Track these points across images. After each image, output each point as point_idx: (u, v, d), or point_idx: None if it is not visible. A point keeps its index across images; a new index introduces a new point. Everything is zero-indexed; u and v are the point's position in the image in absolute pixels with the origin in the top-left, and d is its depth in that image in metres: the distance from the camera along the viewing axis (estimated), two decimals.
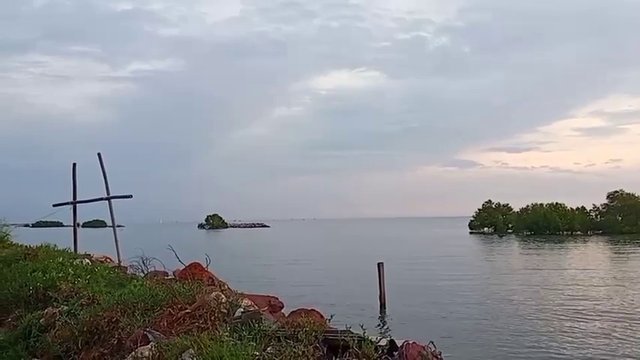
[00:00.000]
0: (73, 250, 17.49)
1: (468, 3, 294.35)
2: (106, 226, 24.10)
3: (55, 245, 16.66)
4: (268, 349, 5.58)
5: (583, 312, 23.56)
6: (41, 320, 8.96)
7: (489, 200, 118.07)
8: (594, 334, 19.46)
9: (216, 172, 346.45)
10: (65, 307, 8.98)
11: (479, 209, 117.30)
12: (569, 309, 24.26)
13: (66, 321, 8.20)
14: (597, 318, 22.34)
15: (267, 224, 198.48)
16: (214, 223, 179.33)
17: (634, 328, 20.47)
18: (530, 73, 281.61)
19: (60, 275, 10.96)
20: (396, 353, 5.54)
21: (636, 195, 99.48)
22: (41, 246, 16.06)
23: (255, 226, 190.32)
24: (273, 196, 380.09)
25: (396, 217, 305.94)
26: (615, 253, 57.42)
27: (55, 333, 8.19)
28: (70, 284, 10.44)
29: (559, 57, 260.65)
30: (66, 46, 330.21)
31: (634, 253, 55.52)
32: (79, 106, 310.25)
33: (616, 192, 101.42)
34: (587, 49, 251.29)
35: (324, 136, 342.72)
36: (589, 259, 49.53)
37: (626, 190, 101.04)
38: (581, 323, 21.34)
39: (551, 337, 19.05)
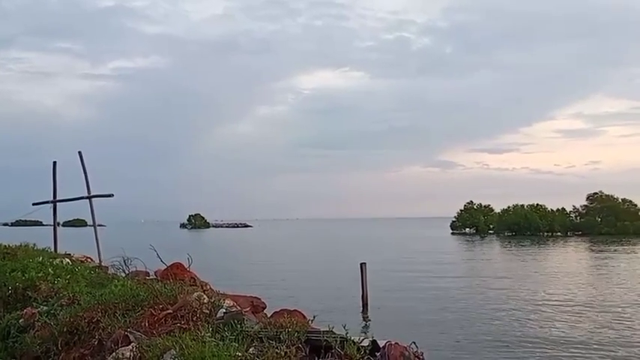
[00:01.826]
0: (53, 249, 17.34)
1: (452, 3, 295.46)
2: (86, 226, 23.87)
3: (34, 245, 16.53)
4: (251, 349, 5.58)
5: (564, 311, 23.85)
6: (20, 321, 8.87)
7: (471, 201, 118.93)
8: (574, 333, 19.69)
9: (199, 171, 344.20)
10: (45, 308, 8.89)
11: (460, 210, 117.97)
12: (550, 308, 24.55)
13: (45, 321, 8.12)
14: (577, 316, 22.64)
15: (249, 224, 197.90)
16: (196, 222, 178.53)
17: (612, 325, 20.79)
18: (513, 74, 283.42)
19: (39, 275, 10.85)
20: (378, 354, 5.56)
21: (615, 196, 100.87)
22: (20, 245, 15.93)
23: (237, 226, 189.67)
24: (256, 196, 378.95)
25: (379, 217, 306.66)
26: (594, 253, 58.11)
27: (34, 333, 8.12)
28: (50, 284, 10.35)
29: (541, 59, 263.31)
30: (48, 43, 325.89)
31: (612, 253, 56.22)
32: (61, 103, 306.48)
33: (595, 194, 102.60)
34: (569, 51, 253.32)
35: (308, 135, 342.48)
36: (569, 260, 50.17)
37: (605, 192, 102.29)
38: (563, 322, 21.59)
39: (532, 336, 19.23)
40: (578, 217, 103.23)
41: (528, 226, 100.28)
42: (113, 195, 18.58)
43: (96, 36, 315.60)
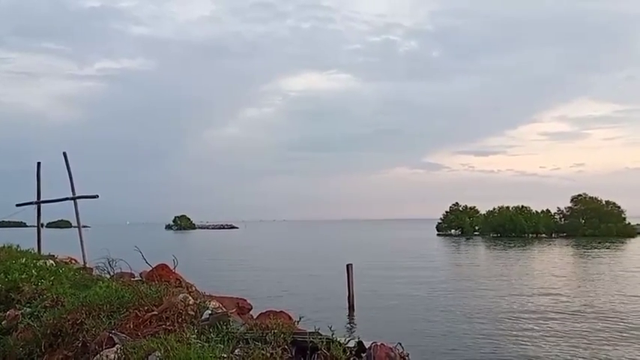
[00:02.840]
0: (36, 250, 17.21)
1: (439, 7, 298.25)
2: (71, 227, 23.70)
3: (17, 246, 16.39)
4: (236, 351, 5.57)
5: (547, 311, 24.00)
6: (3, 322, 8.79)
7: (456, 203, 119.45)
8: (558, 333, 19.83)
9: (186, 173, 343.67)
10: (28, 309, 8.82)
11: (446, 212, 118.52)
12: (535, 309, 24.70)
13: (29, 323, 8.06)
14: (560, 317, 22.78)
15: (236, 225, 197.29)
16: (182, 224, 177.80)
17: (595, 326, 20.98)
18: (499, 78, 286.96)
19: (23, 277, 10.77)
20: (364, 355, 5.57)
21: (599, 198, 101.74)
22: (3, 247, 15.79)
23: (223, 228, 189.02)
24: (243, 197, 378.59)
25: (366, 219, 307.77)
26: (577, 255, 58.64)
27: (17, 335, 8.05)
28: (34, 286, 10.27)
29: (527, 62, 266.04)
30: (33, 43, 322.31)
31: (595, 255, 56.76)
32: (46, 104, 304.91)
33: (579, 196, 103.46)
34: (554, 54, 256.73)
35: (295, 137, 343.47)
36: (553, 261, 50.49)
37: (589, 194, 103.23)
38: (546, 322, 21.72)
39: (517, 337, 19.33)
40: (562, 219, 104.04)
41: (513, 227, 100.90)
42: (98, 196, 18.48)
43: (82, 37, 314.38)
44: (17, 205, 19.04)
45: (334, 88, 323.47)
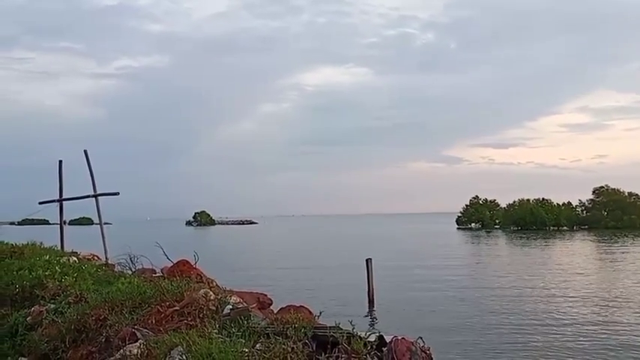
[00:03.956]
0: (59, 247, 17.39)
1: None
2: (93, 224, 24.00)
3: (41, 243, 16.57)
4: (257, 345, 5.58)
5: (570, 306, 23.78)
6: (28, 318, 8.91)
7: (476, 196, 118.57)
8: (581, 328, 19.63)
9: (203, 169, 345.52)
10: (52, 306, 8.93)
11: (466, 205, 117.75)
12: (557, 303, 24.50)
13: (53, 319, 8.16)
14: (584, 311, 22.55)
15: (255, 221, 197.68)
16: (202, 220, 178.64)
17: (621, 319, 20.75)
18: (517, 68, 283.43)
19: (47, 273, 10.89)
20: (385, 349, 5.56)
21: (621, 190, 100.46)
22: (27, 244, 15.97)
23: (243, 223, 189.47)
24: (261, 193, 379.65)
25: (384, 214, 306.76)
26: (601, 248, 57.91)
27: (42, 331, 8.15)
28: (57, 282, 10.39)
29: (545, 52, 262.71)
30: (51, 42, 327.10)
31: (619, 247, 56.06)
32: (65, 102, 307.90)
33: (601, 187, 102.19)
34: (574, 44, 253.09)
35: (312, 131, 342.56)
36: (576, 255, 49.94)
37: (612, 186, 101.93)
38: (568, 317, 21.53)
39: (539, 331, 19.20)
40: (584, 212, 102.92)
41: (534, 220, 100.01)
42: (119, 193, 18.66)
43: (99, 35, 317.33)
44: (40, 203, 19.24)
45: (350, 82, 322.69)
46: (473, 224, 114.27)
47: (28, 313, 9.07)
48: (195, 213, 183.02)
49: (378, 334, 5.78)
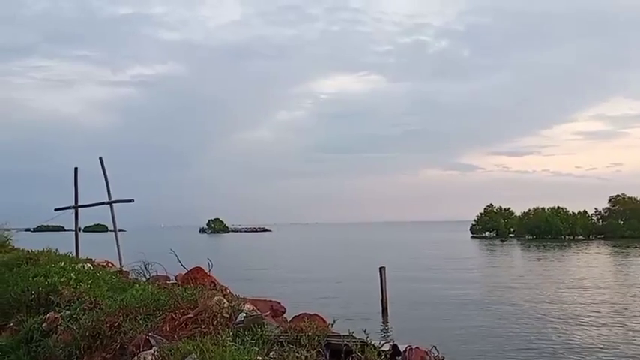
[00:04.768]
0: (74, 254, 17.50)
1: (468, 6, 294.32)
2: (107, 231, 24.15)
3: (56, 250, 16.67)
4: (271, 353, 5.58)
5: (587, 317, 23.48)
6: (43, 325, 8.96)
7: (491, 204, 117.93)
8: (598, 339, 19.42)
9: (217, 176, 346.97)
10: (67, 312, 8.97)
11: (480, 213, 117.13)
12: (573, 314, 24.20)
13: (68, 325, 8.20)
14: (601, 323, 22.28)
15: (268, 228, 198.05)
16: (216, 227, 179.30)
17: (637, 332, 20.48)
18: (531, 76, 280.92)
19: (62, 280, 10.95)
20: (399, 358, 5.53)
21: (638, 199, 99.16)
22: (43, 250, 16.06)
23: (256, 231, 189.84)
24: (274, 200, 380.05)
25: (398, 221, 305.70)
26: (618, 257, 57.23)
27: (57, 338, 8.20)
28: (72, 289, 10.44)
29: (560, 59, 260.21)
30: (68, 50, 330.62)
31: (637, 258, 55.38)
32: (81, 110, 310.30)
33: (618, 196, 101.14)
34: (589, 51, 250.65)
35: (327, 139, 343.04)
36: (592, 265, 49.41)
37: (628, 194, 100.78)
38: (585, 328, 21.30)
39: (555, 343, 19.00)
40: (600, 220, 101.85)
41: (549, 229, 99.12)
42: (134, 200, 18.77)
43: (115, 43, 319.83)
44: (56, 210, 19.42)
45: (364, 90, 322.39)
46: (487, 233, 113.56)
47: (43, 320, 9.12)
48: (209, 220, 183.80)
49: (392, 343, 5.76)
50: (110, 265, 16.46)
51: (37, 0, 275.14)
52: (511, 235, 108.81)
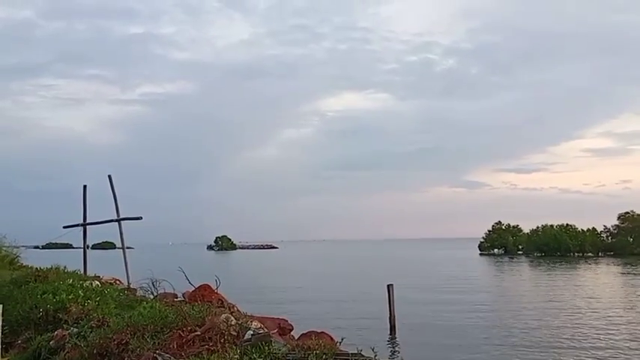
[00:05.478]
0: (82, 271, 17.55)
1: (476, 24, 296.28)
2: (115, 248, 24.25)
3: (65, 267, 16.73)
4: None
5: (599, 338, 23.13)
6: (51, 342, 8.97)
7: (499, 221, 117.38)
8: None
9: (225, 194, 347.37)
10: (75, 329, 8.99)
11: (489, 230, 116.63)
12: (584, 335, 23.84)
13: (76, 343, 8.21)
14: (613, 344, 22.01)
15: (275, 245, 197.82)
16: (223, 244, 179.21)
17: None
18: (539, 93, 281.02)
19: (70, 297, 10.99)
20: None
21: None
22: (51, 268, 16.13)
23: (264, 248, 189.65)
24: (282, 217, 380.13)
25: (406, 239, 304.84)
26: (627, 275, 56.66)
27: (64, 355, 8.20)
28: (80, 306, 10.47)
29: (568, 77, 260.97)
30: (78, 70, 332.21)
31: None
32: (91, 128, 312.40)
33: (627, 213, 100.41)
34: (597, 68, 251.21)
35: (334, 157, 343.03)
36: (602, 282, 48.92)
37: (637, 211, 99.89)
38: (598, 350, 21.00)
39: None
40: (609, 237, 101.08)
41: (558, 246, 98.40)
42: (142, 218, 18.83)
43: (125, 62, 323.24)
44: (64, 227, 19.51)
45: (372, 108, 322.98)
46: (496, 250, 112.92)
47: (51, 337, 9.13)
48: (217, 237, 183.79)
49: None
50: (118, 282, 16.50)
51: (51, 21, 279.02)
52: (519, 252, 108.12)
